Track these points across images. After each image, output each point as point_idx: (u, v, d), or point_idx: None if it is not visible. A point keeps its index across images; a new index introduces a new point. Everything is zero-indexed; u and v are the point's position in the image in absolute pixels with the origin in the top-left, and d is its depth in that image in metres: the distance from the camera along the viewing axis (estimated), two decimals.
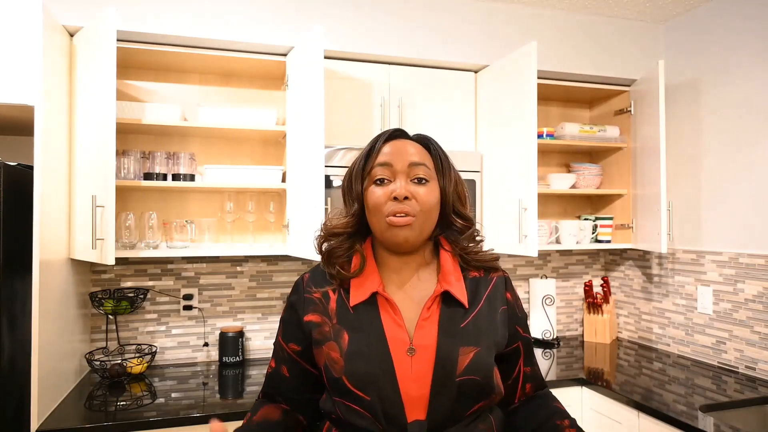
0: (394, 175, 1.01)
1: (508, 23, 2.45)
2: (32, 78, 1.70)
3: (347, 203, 1.08)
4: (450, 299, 1.02)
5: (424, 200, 1.00)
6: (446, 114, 2.43)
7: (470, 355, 0.97)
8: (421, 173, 1.02)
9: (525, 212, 2.20)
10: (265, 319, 2.49)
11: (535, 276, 2.88)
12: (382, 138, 1.06)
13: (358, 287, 1.03)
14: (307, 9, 2.18)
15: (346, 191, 1.08)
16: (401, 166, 1.01)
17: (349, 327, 1.00)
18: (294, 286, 1.12)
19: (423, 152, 1.05)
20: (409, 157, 1.02)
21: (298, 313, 1.07)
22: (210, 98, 2.40)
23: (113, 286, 2.30)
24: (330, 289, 1.05)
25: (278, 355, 1.11)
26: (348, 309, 1.02)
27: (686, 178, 2.51)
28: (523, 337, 1.11)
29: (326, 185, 2.06)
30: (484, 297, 1.06)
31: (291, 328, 1.09)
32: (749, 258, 2.21)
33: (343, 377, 0.96)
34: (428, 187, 1.02)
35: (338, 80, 2.26)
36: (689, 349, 2.48)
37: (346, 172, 1.10)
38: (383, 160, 1.03)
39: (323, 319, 1.03)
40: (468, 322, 1.01)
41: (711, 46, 2.41)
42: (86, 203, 1.85)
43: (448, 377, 0.95)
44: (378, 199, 1.01)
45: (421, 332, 0.98)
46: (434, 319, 1.00)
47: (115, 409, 1.80)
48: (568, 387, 2.14)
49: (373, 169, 1.03)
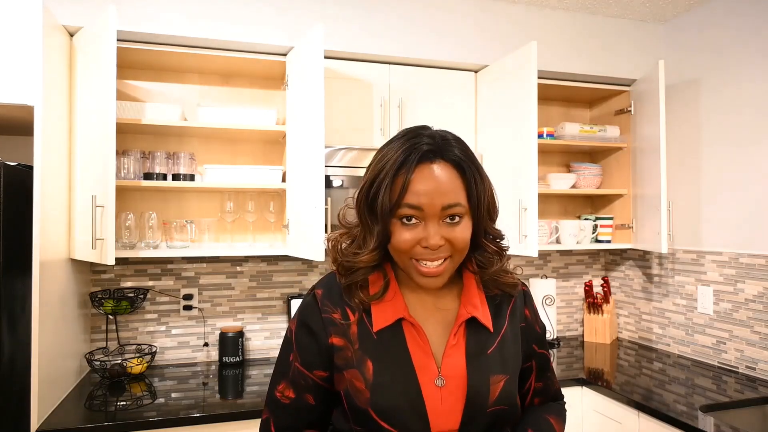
0: (424, 218, 0.90)
1: (508, 23, 2.45)
2: (32, 78, 1.70)
3: (365, 225, 0.94)
4: (475, 323, 0.97)
5: (458, 240, 0.91)
6: (446, 114, 2.43)
7: (501, 384, 0.94)
8: (456, 212, 0.90)
9: (525, 212, 2.20)
10: (265, 319, 2.48)
11: (536, 276, 2.88)
12: (412, 162, 0.89)
13: (382, 310, 0.96)
14: (307, 9, 2.18)
15: (365, 212, 0.93)
16: (433, 211, 0.89)
17: (373, 355, 0.93)
18: (305, 304, 1.01)
19: (456, 182, 0.91)
20: (442, 198, 0.89)
21: (319, 337, 0.97)
22: (210, 98, 2.40)
23: (113, 286, 2.30)
24: (349, 310, 0.97)
25: (298, 383, 0.98)
26: (371, 334, 0.95)
27: (686, 178, 2.51)
28: (538, 354, 1.08)
29: (326, 185, 2.06)
30: (507, 317, 1.02)
31: (312, 353, 0.98)
32: (749, 258, 2.21)
33: (369, 409, 0.91)
34: (462, 224, 0.91)
35: (338, 80, 2.26)
36: (689, 349, 2.48)
37: (363, 184, 0.93)
38: (413, 201, 0.88)
39: (345, 344, 0.95)
40: (494, 348, 0.97)
41: (711, 46, 2.41)
42: (86, 203, 1.85)
43: (480, 410, 0.92)
44: (405, 242, 0.90)
45: (449, 360, 0.94)
46: (461, 346, 0.95)
47: (115, 409, 1.80)
48: (568, 387, 2.14)
49: (401, 208, 0.89)
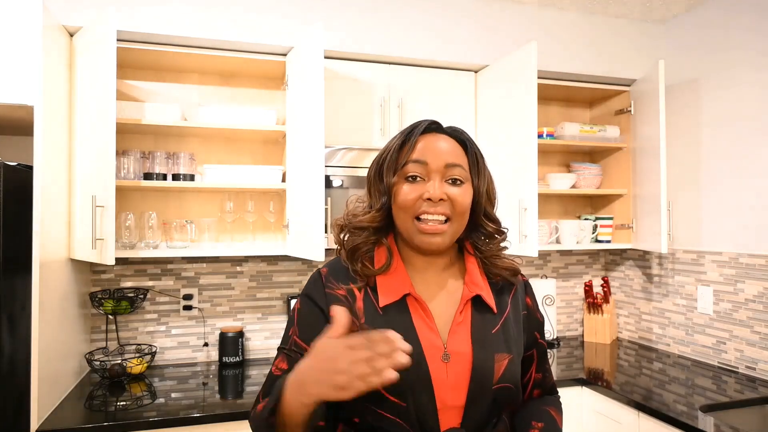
0: (428, 174, 0.96)
1: (508, 23, 2.45)
2: (32, 78, 1.70)
3: (372, 195, 1.01)
4: (480, 304, 0.99)
5: (459, 202, 0.95)
6: (446, 114, 2.42)
7: (505, 362, 0.95)
8: (457, 174, 0.96)
9: (525, 212, 2.20)
10: (265, 319, 2.48)
11: (536, 276, 2.88)
12: (418, 131, 0.99)
13: (387, 286, 0.97)
14: (307, 9, 2.18)
15: (374, 181, 1.01)
16: (437, 166, 0.95)
17: (378, 329, 0.95)
18: (310, 280, 1.03)
19: (459, 150, 0.99)
20: (445, 156, 0.96)
21: (320, 307, 0.98)
22: (210, 98, 2.40)
23: (113, 286, 2.30)
24: (355, 287, 0.98)
25: (293, 356, 0.97)
26: (377, 309, 0.96)
27: (686, 178, 2.51)
28: (539, 344, 1.10)
29: (326, 185, 2.06)
30: (509, 302, 1.04)
31: (311, 323, 0.97)
32: (749, 258, 2.21)
33: None
34: (463, 188, 0.97)
35: (338, 80, 2.26)
36: (689, 349, 2.48)
37: (373, 161, 1.02)
38: (418, 156, 0.96)
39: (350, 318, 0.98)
40: (498, 329, 0.99)
41: (711, 46, 2.41)
42: (86, 203, 1.85)
43: (485, 386, 0.93)
44: (408, 197, 0.95)
45: (455, 338, 0.95)
46: (467, 324, 0.97)
47: (115, 409, 1.80)
48: (568, 387, 2.14)
49: (407, 165, 0.96)
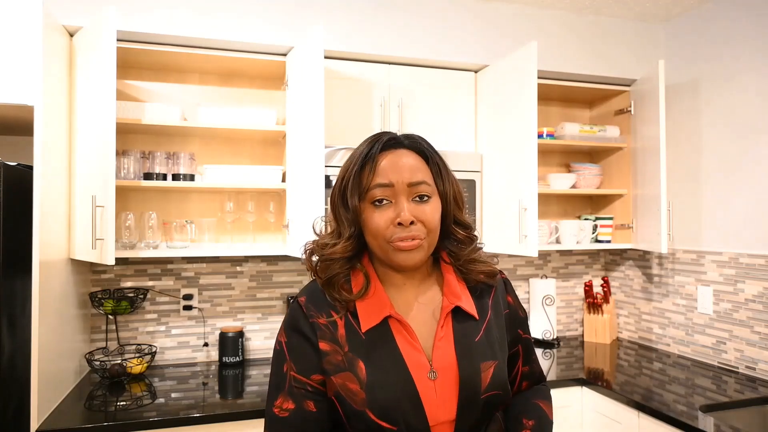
0: (394, 195, 0.94)
1: (508, 23, 2.45)
2: (32, 78, 1.70)
3: (339, 221, 0.99)
4: (460, 313, 0.99)
5: (429, 220, 0.94)
6: (446, 114, 2.43)
7: (491, 370, 0.96)
8: (423, 190, 0.95)
9: (525, 212, 2.20)
10: (265, 319, 2.48)
11: (535, 276, 2.88)
12: (377, 149, 0.96)
13: (367, 310, 0.96)
14: (307, 9, 2.18)
15: (339, 207, 0.99)
16: (401, 186, 0.94)
17: (363, 355, 0.94)
18: (291, 312, 1.01)
19: (421, 164, 0.98)
20: (408, 175, 0.94)
21: (311, 340, 0.97)
22: (210, 98, 2.40)
23: (113, 286, 2.30)
24: (335, 314, 0.97)
25: (296, 392, 0.96)
26: (359, 335, 0.95)
27: (686, 178, 2.51)
28: (524, 339, 1.11)
29: (326, 185, 2.06)
30: (489, 304, 1.04)
31: (306, 357, 0.97)
32: (749, 258, 2.21)
33: (367, 410, 0.91)
34: (431, 204, 0.96)
35: (338, 80, 2.26)
36: (689, 349, 2.48)
37: (335, 183, 1.00)
38: (382, 180, 0.94)
39: (333, 347, 0.95)
40: (481, 336, 0.99)
41: (711, 46, 2.41)
42: (86, 203, 1.85)
43: (474, 397, 0.93)
44: (380, 224, 0.94)
45: (439, 353, 0.95)
46: (449, 337, 0.96)
47: (115, 409, 1.80)
48: (568, 387, 2.14)
49: (371, 190, 0.94)
